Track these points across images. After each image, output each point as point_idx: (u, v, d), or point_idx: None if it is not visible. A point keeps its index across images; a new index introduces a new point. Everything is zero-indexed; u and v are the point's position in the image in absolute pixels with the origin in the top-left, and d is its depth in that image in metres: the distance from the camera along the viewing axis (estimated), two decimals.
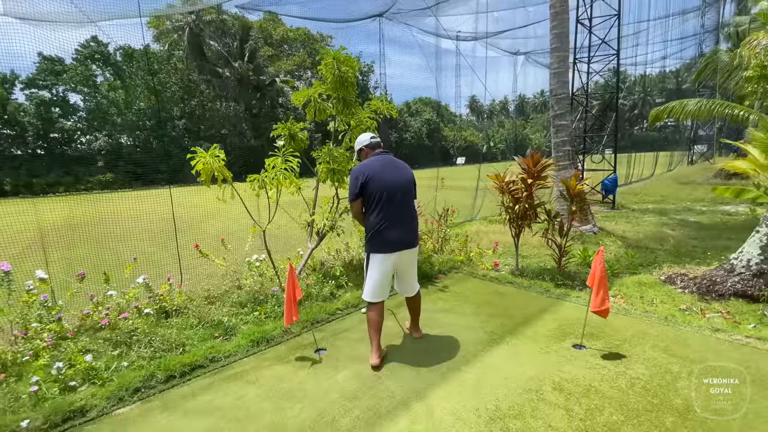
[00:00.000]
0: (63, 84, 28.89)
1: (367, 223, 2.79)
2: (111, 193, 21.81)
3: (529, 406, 2.25)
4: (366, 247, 2.84)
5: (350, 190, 2.83)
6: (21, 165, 25.22)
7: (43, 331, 3.09)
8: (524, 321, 3.41)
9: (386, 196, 2.71)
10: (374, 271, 2.79)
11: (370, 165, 2.81)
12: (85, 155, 27.79)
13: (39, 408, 2.35)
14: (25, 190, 22.98)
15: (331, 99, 4.58)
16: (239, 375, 2.74)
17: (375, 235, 2.74)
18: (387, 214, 2.71)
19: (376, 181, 2.72)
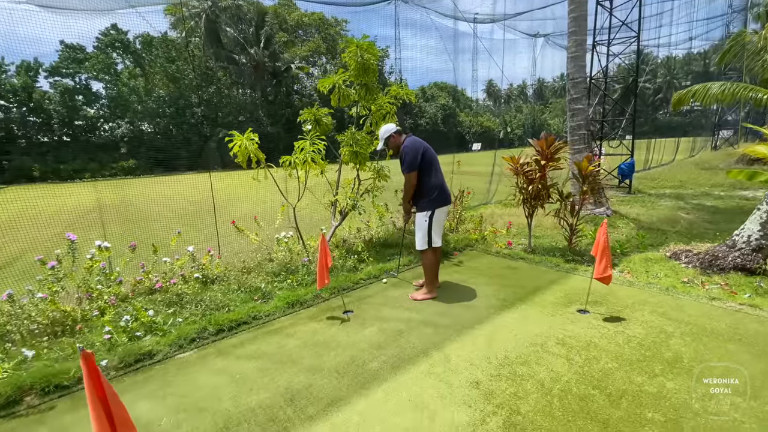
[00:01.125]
0: (85, 72, 29.72)
1: (426, 187, 3.49)
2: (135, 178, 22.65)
3: (535, 356, 2.56)
4: (427, 206, 3.50)
5: (410, 162, 3.42)
6: (48, 152, 26.29)
7: (105, 293, 3.54)
8: (534, 290, 3.70)
9: (436, 164, 3.55)
10: (437, 222, 3.53)
11: (418, 141, 3.55)
12: (109, 142, 28.71)
13: (113, 352, 2.78)
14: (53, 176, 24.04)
15: (354, 85, 4.85)
16: (279, 330, 3.13)
17: (438, 194, 3.49)
18: (439, 177, 3.56)
19: (429, 153, 3.51)
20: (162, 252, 4.32)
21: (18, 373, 2.48)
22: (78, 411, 2.25)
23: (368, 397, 2.23)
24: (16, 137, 26.23)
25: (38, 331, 3.08)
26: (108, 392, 1.39)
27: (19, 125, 26.59)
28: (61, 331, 3.12)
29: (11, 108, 26.51)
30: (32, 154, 25.22)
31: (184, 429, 2.06)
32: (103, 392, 1.37)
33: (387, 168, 5.28)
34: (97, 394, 1.36)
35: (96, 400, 1.35)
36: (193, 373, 2.57)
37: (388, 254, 5.08)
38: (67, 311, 3.25)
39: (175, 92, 28.16)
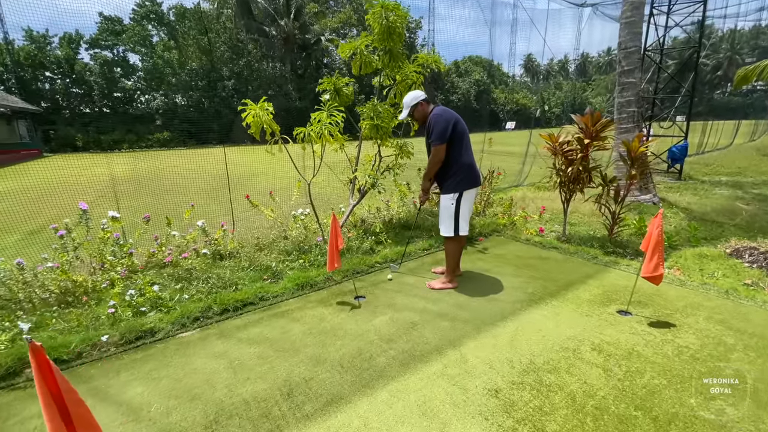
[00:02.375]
0: (123, 44, 30.42)
1: (455, 165, 3.08)
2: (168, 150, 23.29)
3: (565, 363, 2.24)
4: (455, 187, 3.10)
5: (440, 133, 3.00)
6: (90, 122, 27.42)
7: (117, 265, 3.48)
8: (567, 285, 3.32)
9: (467, 139, 3.15)
10: (466, 206, 3.15)
11: (450, 111, 3.12)
12: (145, 114, 29.58)
13: (116, 327, 2.69)
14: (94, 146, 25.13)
15: (377, 51, 4.46)
16: (285, 313, 2.95)
17: (468, 173, 3.10)
18: (470, 155, 3.16)
19: (461, 125, 3.09)
20: (179, 225, 4.25)
21: (21, 344, 2.44)
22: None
23: (372, 398, 2.01)
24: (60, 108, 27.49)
25: (52, 300, 3.07)
26: (63, 388, 1.21)
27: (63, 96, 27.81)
28: (72, 301, 3.09)
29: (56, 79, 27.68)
30: (75, 124, 26.41)
31: (173, 418, 1.92)
32: (58, 389, 1.20)
33: (411, 144, 4.92)
34: (50, 392, 1.18)
35: (49, 398, 1.18)
36: (192, 356, 2.44)
37: (407, 237, 4.79)
38: (78, 281, 3.21)
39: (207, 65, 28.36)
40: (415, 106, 3.24)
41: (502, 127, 52.54)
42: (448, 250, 3.32)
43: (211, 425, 1.87)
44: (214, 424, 1.87)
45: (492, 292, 3.23)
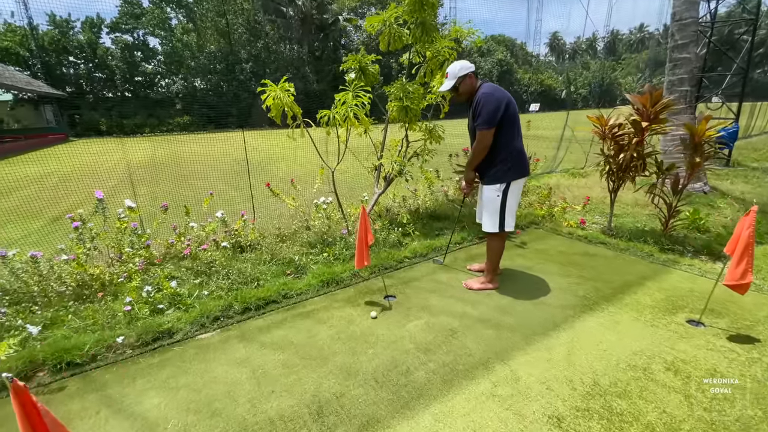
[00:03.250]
0: (142, 27, 30.45)
1: (504, 151, 2.71)
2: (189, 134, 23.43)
3: (636, 386, 1.92)
4: (502, 176, 2.74)
5: (490, 115, 2.60)
6: (113, 107, 27.83)
7: (134, 256, 3.32)
8: (622, 288, 2.96)
9: (518, 121, 2.77)
10: (513, 198, 2.82)
11: (501, 90, 2.72)
12: (165, 98, 29.81)
13: (132, 326, 2.52)
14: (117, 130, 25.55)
15: (408, 24, 4.06)
16: (311, 313, 2.72)
17: (517, 161, 2.75)
18: (520, 139, 2.79)
19: (513, 106, 2.70)
20: (197, 214, 4.07)
21: (34, 345, 2.30)
22: (86, 396, 2.00)
23: (414, 423, 1.75)
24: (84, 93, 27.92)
25: (68, 293, 2.93)
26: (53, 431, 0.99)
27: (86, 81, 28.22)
28: (88, 295, 2.94)
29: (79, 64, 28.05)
30: (99, 109, 26.84)
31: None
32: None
33: (441, 128, 4.55)
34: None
35: None
36: (212, 361, 2.24)
37: (436, 228, 4.49)
38: (95, 274, 3.06)
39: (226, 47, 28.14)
40: (463, 77, 2.76)
41: (526, 109, 50.78)
42: (490, 246, 2.97)
43: None
44: None
45: (538, 295, 2.90)
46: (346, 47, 35.58)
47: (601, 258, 3.57)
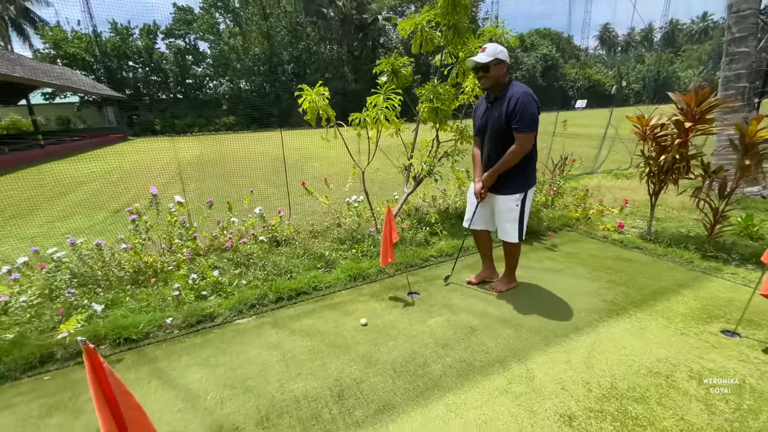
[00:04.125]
0: (193, 33, 32.38)
1: (532, 159, 2.63)
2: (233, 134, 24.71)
3: (656, 392, 1.90)
4: (524, 185, 2.64)
5: (533, 119, 2.46)
6: (166, 108, 29.88)
7: (182, 247, 3.65)
8: (655, 294, 2.87)
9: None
10: (529, 206, 2.74)
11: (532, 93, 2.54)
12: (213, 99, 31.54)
13: (179, 309, 2.81)
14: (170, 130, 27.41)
15: (440, 27, 4.12)
16: (338, 305, 2.89)
17: (534, 167, 2.69)
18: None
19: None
20: (239, 209, 4.37)
21: (97, 321, 2.63)
22: (140, 368, 2.28)
23: (426, 411, 1.85)
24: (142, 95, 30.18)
25: (126, 278, 3.30)
26: (118, 391, 1.19)
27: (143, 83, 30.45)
28: (143, 281, 3.29)
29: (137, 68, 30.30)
30: (154, 110, 28.92)
31: (227, 410, 1.92)
32: (112, 392, 1.18)
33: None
34: (104, 395, 1.17)
35: (103, 401, 1.17)
36: (247, 344, 2.46)
37: (465, 229, 4.50)
38: (149, 262, 3.41)
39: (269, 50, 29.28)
40: (500, 62, 2.50)
41: (572, 105, 48.56)
42: (511, 253, 2.93)
43: (262, 422, 1.84)
44: (265, 421, 1.84)
45: (563, 298, 2.89)
46: (384, 46, 35.81)
47: (636, 263, 3.46)
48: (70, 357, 2.39)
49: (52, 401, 2.06)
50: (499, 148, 2.59)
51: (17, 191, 8.68)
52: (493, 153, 2.64)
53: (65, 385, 2.17)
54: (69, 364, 2.35)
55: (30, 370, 2.32)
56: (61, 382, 2.20)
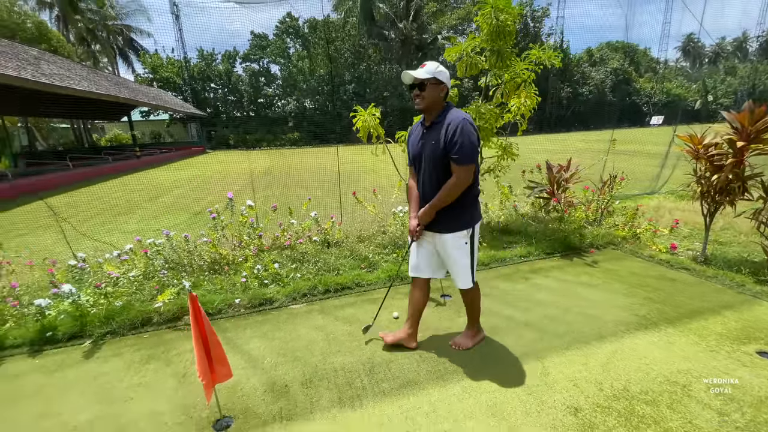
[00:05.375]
0: (267, 57, 35.62)
1: (474, 192, 2.27)
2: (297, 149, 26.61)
3: (669, 398, 1.97)
4: (470, 220, 2.26)
5: (475, 149, 2.12)
6: (239, 125, 33.02)
7: (250, 244, 4.26)
8: (692, 313, 2.84)
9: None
10: (477, 239, 2.34)
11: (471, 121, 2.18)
12: (280, 117, 34.23)
13: (246, 293, 3.35)
14: (242, 144, 30.19)
15: (485, 52, 4.42)
16: (376, 300, 3.23)
17: (476, 202, 2.31)
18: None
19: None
20: (298, 214, 4.95)
21: (183, 297, 3.24)
22: None
23: (444, 390, 2.11)
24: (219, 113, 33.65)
25: (205, 266, 3.95)
26: (207, 330, 1.65)
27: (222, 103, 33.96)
28: (218, 269, 3.92)
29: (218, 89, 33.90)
30: (229, 126, 32.11)
31: (280, 372, 2.34)
32: (204, 330, 1.64)
33: (516, 146, 4.75)
34: (199, 331, 1.63)
35: (198, 336, 1.62)
36: (298, 325, 2.90)
37: (505, 242, 4.66)
38: (223, 254, 4.05)
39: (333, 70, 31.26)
40: (437, 83, 2.17)
41: (646, 122, 45.13)
42: (470, 301, 2.48)
43: (306, 383, 2.23)
44: (308, 383, 2.23)
45: (592, 309, 2.96)
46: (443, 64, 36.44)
47: (679, 283, 3.39)
48: (163, 322, 2.99)
49: (149, 353, 2.64)
50: (436, 179, 2.22)
51: (120, 194, 10.30)
52: (429, 185, 2.25)
53: (159, 343, 2.75)
54: (162, 327, 2.96)
55: (133, 330, 2.95)
56: (156, 340, 2.79)
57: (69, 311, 2.95)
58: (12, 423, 2.04)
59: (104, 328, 2.92)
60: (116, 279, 3.44)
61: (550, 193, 5.19)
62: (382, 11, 34.39)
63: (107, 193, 10.59)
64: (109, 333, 2.90)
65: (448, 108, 2.24)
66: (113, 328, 2.93)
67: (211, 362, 1.68)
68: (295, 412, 2.00)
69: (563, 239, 4.51)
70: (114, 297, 3.20)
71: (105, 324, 2.94)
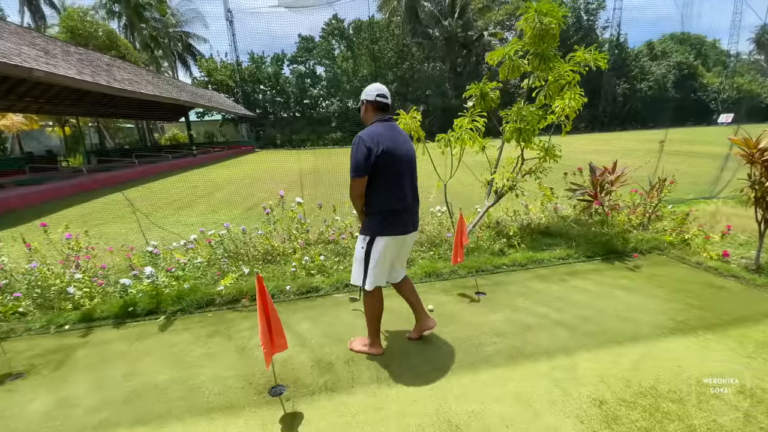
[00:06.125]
0: (313, 58, 36.82)
1: (376, 202, 2.34)
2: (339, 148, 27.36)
3: (696, 398, 2.02)
4: (369, 228, 2.38)
5: (355, 163, 2.25)
6: (286, 125, 34.46)
7: (298, 238, 4.63)
8: (735, 321, 2.78)
9: (400, 172, 2.34)
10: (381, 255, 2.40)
11: (384, 134, 2.29)
12: (324, 117, 35.30)
13: (295, 282, 3.69)
14: (288, 144, 31.51)
15: (528, 55, 4.46)
16: None
17: (388, 217, 2.35)
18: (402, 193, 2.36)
19: (390, 155, 2.26)
20: (341, 211, 5.27)
21: (242, 283, 3.65)
22: None
23: (474, 376, 2.29)
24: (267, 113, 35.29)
25: (259, 256, 4.37)
26: (270, 307, 1.95)
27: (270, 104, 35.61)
28: (270, 259, 4.32)
29: (266, 91, 35.56)
30: (277, 126, 33.63)
31: (324, 351, 2.63)
32: (267, 306, 1.94)
33: (558, 147, 4.74)
34: (263, 307, 1.93)
35: (262, 312, 1.93)
36: (341, 311, 3.18)
37: (545, 243, 4.68)
38: (275, 246, 4.45)
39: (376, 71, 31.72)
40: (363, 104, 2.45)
41: (713, 120, 41.51)
42: (364, 305, 2.59)
43: (349, 361, 2.50)
44: (350, 361, 2.50)
45: (628, 312, 2.98)
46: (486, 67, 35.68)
47: (725, 291, 3.29)
48: (224, 303, 3.40)
49: (213, 329, 3.03)
50: None
51: (180, 189, 11.29)
52: None
53: (221, 321, 3.15)
54: (223, 308, 3.37)
55: (199, 309, 3.38)
56: (218, 319, 3.20)
57: (146, 290, 3.44)
58: (105, 379, 2.48)
59: (175, 306, 3.38)
60: (184, 265, 3.93)
61: (593, 196, 5.11)
62: (427, 9, 34.32)
63: (169, 188, 11.64)
64: (179, 311, 3.35)
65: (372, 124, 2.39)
66: (183, 306, 3.38)
67: (271, 333, 1.98)
68: (339, 386, 2.27)
69: (605, 243, 4.46)
70: (183, 280, 3.67)
71: (176, 303, 3.40)
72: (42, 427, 2.05)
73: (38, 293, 3.49)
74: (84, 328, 3.13)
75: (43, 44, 11.72)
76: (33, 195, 10.22)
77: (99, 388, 2.37)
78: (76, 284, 3.47)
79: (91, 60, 14.14)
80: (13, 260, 3.88)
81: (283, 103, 35.96)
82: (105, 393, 2.32)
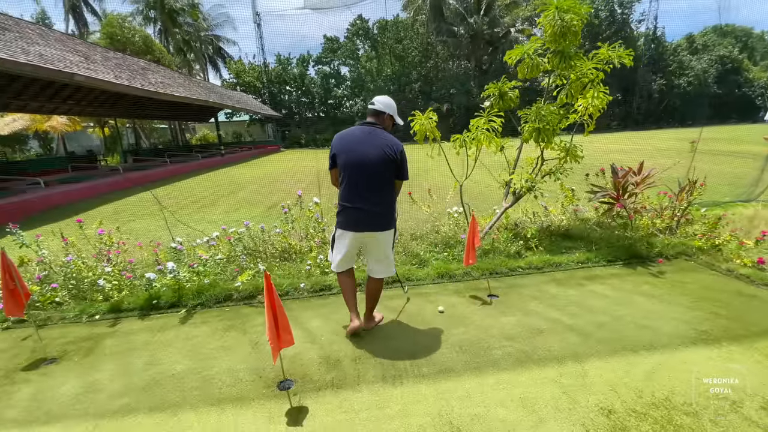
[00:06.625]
0: (337, 59, 37.18)
1: (339, 196, 2.71)
2: None
3: (713, 412, 1.92)
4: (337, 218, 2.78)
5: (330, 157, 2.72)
6: (311, 125, 34.99)
7: (314, 236, 4.72)
8: (763, 332, 2.62)
9: (353, 173, 2.58)
10: (340, 243, 2.77)
11: (346, 136, 2.67)
12: (347, 117, 35.57)
13: (309, 279, 3.77)
14: (312, 144, 32.00)
15: (548, 53, 4.35)
16: (424, 295, 3.46)
17: (342, 210, 2.70)
18: (354, 194, 2.60)
19: (344, 155, 2.59)
20: None
21: (258, 280, 3.76)
22: None
23: (480, 380, 2.27)
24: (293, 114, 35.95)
25: (276, 254, 4.49)
26: (276, 304, 2.02)
27: (295, 104, 36.25)
28: (287, 257, 4.43)
29: (292, 92, 36.22)
30: (302, 126, 34.20)
31: (334, 348, 2.69)
32: (274, 303, 2.01)
33: (580, 148, 4.60)
34: (270, 304, 2.00)
35: (269, 308, 2.00)
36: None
37: (564, 246, 4.56)
38: (292, 245, 4.55)
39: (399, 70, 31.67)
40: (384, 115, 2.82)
41: (758, 117, 38.97)
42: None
43: (356, 359, 2.54)
44: (358, 359, 2.54)
45: (647, 320, 2.87)
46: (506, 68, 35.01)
47: (757, 300, 3.10)
48: (242, 299, 3.53)
49: (230, 323, 3.15)
50: None
51: (206, 188, 11.71)
52: None
53: (238, 315, 3.27)
54: (240, 303, 3.49)
55: (217, 303, 3.52)
56: (235, 314, 3.31)
57: (169, 285, 3.61)
58: (128, 367, 2.62)
59: (195, 300, 3.53)
60: (205, 261, 4.09)
61: (615, 198, 4.93)
62: (452, 7, 33.93)
63: (195, 186, 12.09)
64: (199, 305, 3.50)
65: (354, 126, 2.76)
66: (202, 300, 3.52)
67: (278, 329, 2.04)
68: (345, 383, 2.32)
69: (628, 247, 4.30)
70: (203, 275, 3.82)
71: (196, 297, 3.55)
72: (70, 410, 2.21)
73: (73, 284, 3.73)
74: (112, 318, 3.33)
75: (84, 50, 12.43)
76: (73, 192, 10.89)
77: (122, 375, 2.51)
78: (106, 277, 3.69)
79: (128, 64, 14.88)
80: (52, 253, 4.16)
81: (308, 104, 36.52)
82: (128, 379, 2.46)
